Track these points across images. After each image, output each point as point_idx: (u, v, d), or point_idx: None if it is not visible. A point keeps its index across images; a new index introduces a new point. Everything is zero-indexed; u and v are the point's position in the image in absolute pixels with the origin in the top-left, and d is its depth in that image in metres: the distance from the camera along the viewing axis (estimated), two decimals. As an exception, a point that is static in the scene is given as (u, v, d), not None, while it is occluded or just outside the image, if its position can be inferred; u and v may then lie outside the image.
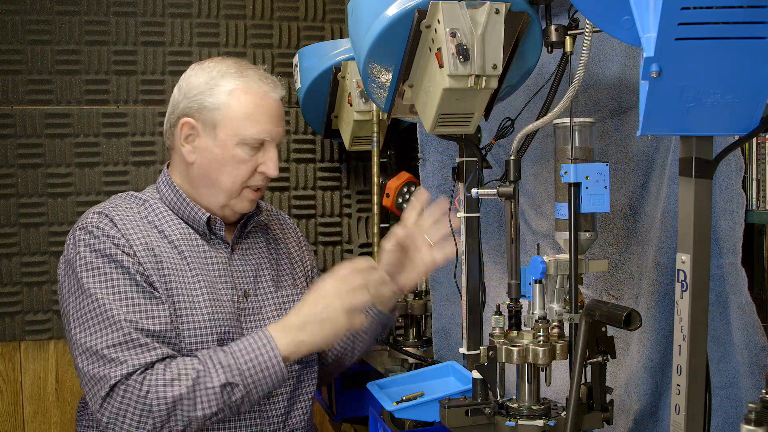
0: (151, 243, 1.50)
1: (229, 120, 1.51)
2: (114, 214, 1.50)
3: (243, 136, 1.51)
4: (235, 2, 2.63)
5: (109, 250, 1.45)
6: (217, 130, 1.52)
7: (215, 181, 1.54)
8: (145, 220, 1.54)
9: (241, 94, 1.52)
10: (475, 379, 1.46)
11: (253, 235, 1.68)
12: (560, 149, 1.41)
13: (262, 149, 1.54)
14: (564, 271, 1.39)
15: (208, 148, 1.53)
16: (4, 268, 2.44)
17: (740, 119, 0.98)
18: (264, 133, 1.52)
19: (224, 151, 1.51)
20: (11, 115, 2.44)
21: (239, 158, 1.52)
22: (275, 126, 1.54)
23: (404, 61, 1.41)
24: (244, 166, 1.53)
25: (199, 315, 1.49)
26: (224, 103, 1.51)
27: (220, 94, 1.51)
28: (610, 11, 1.01)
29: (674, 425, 1.10)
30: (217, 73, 1.54)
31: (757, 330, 1.31)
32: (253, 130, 1.51)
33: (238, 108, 1.51)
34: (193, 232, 1.57)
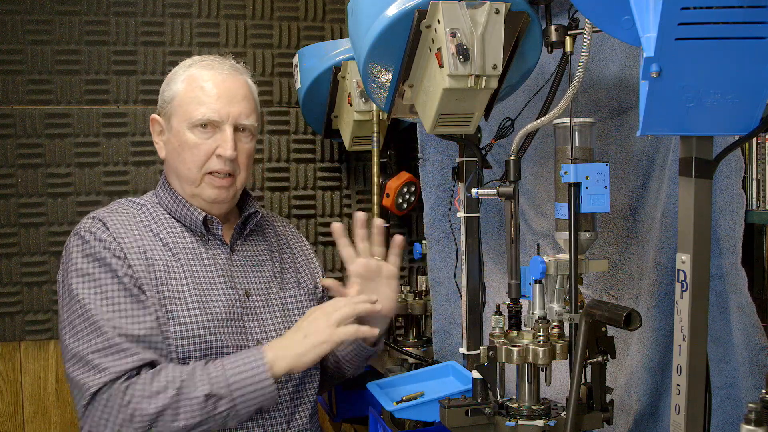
0: (143, 246, 1.49)
1: (179, 107, 1.52)
2: (107, 219, 1.51)
3: (190, 119, 1.50)
4: (235, 2, 2.63)
5: (99, 254, 1.45)
6: (172, 120, 1.53)
7: (179, 171, 1.54)
8: (140, 223, 1.54)
9: (190, 80, 1.53)
10: (475, 379, 1.46)
11: (256, 238, 1.68)
12: (560, 149, 1.41)
13: (219, 131, 1.52)
14: (564, 271, 1.39)
15: (169, 139, 1.55)
16: (4, 268, 2.44)
17: (740, 119, 0.98)
18: (210, 113, 1.50)
19: (178, 138, 1.51)
20: (11, 115, 2.44)
21: (191, 142, 1.50)
22: (226, 106, 1.51)
23: (404, 61, 1.41)
24: (197, 150, 1.51)
25: (188, 318, 1.47)
26: (177, 92, 1.53)
27: (175, 83, 1.54)
28: (610, 11, 1.01)
29: (674, 425, 1.10)
30: (180, 67, 1.57)
31: (757, 330, 1.31)
32: (199, 111, 1.50)
33: (186, 93, 1.52)
34: (190, 235, 1.56)
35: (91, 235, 1.47)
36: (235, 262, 1.60)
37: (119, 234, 1.48)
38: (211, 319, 1.50)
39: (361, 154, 2.64)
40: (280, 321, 1.61)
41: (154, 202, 1.59)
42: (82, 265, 1.45)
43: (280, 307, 1.62)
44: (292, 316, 1.63)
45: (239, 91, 1.55)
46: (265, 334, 1.57)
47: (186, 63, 1.58)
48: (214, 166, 1.52)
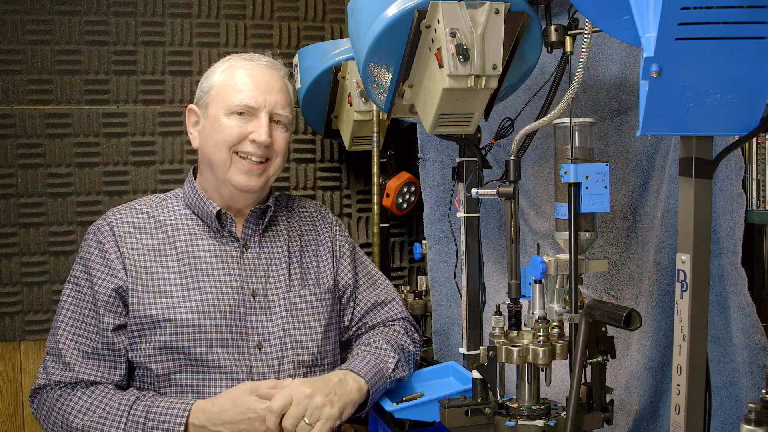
0: (147, 248, 1.55)
1: (217, 95, 1.56)
2: (117, 222, 1.57)
3: (227, 105, 1.54)
4: (235, 2, 2.63)
5: (90, 260, 1.54)
6: (209, 108, 1.57)
7: (210, 156, 1.56)
8: (152, 220, 1.59)
9: (229, 70, 1.58)
10: (475, 379, 1.46)
11: (276, 232, 1.67)
12: (560, 149, 1.41)
13: (254, 119, 1.56)
14: (564, 271, 1.39)
15: (204, 127, 1.58)
16: (4, 268, 2.44)
17: (740, 119, 0.98)
18: (248, 99, 1.54)
19: (213, 124, 1.55)
20: (11, 115, 2.44)
21: (226, 125, 1.54)
22: (262, 94, 1.56)
23: (404, 61, 1.41)
24: (230, 131, 1.54)
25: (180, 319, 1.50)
26: (215, 82, 1.57)
27: (214, 75, 1.59)
28: (610, 11, 1.01)
29: (674, 425, 1.10)
30: (220, 62, 1.62)
31: (757, 330, 1.31)
32: (236, 97, 1.54)
33: (225, 82, 1.56)
34: (205, 230, 1.60)
35: (94, 237, 1.56)
36: (247, 260, 1.61)
37: (123, 237, 1.55)
38: (206, 319, 1.51)
39: (361, 154, 2.63)
40: (285, 321, 1.59)
41: (178, 196, 1.65)
42: (76, 266, 1.57)
43: (287, 306, 1.61)
44: (298, 316, 1.61)
45: (276, 83, 1.60)
46: (267, 336, 1.57)
47: (225, 58, 1.65)
48: (246, 148, 1.55)
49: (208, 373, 1.50)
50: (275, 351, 1.56)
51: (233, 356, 1.52)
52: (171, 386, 1.50)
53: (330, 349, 1.66)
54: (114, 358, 1.51)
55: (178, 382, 1.50)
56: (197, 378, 1.51)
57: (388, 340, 1.65)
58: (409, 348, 1.67)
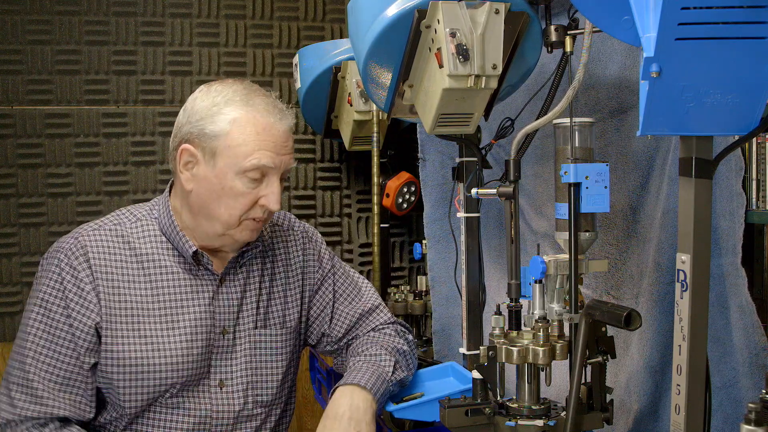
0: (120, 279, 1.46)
1: (228, 149, 1.41)
2: (91, 245, 1.46)
3: (241, 167, 1.41)
4: (235, 2, 2.63)
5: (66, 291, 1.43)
6: (216, 159, 1.42)
7: (212, 212, 1.45)
8: (126, 245, 1.49)
9: (244, 124, 1.42)
10: (475, 379, 1.46)
11: (250, 263, 1.58)
12: (560, 149, 1.41)
13: (265, 180, 1.44)
14: (564, 271, 1.39)
15: (206, 177, 1.44)
16: (4, 268, 2.44)
17: (740, 119, 0.98)
18: (266, 160, 1.42)
19: (222, 182, 1.43)
20: (11, 115, 2.44)
21: (237, 190, 1.42)
22: (278, 155, 1.44)
23: (404, 61, 1.41)
24: (243, 198, 1.43)
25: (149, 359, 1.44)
26: (225, 132, 1.41)
27: (222, 121, 1.42)
28: (610, 11, 1.01)
29: (674, 425, 1.10)
30: (222, 98, 1.44)
31: (757, 330, 1.31)
32: (252, 160, 1.41)
33: (239, 137, 1.41)
34: (180, 262, 1.50)
35: (67, 261, 1.44)
36: (221, 295, 1.53)
37: (98, 265, 1.45)
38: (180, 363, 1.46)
39: (361, 154, 2.64)
40: (248, 361, 1.54)
41: (152, 217, 1.53)
42: (45, 287, 1.44)
43: (252, 345, 1.55)
44: (261, 356, 1.56)
45: (289, 137, 1.48)
46: (229, 374, 1.52)
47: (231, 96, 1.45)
48: (256, 214, 1.46)
49: (173, 411, 1.48)
50: (237, 390, 1.52)
51: (196, 395, 1.49)
52: (139, 423, 1.47)
53: (287, 387, 1.63)
54: (88, 393, 1.44)
55: (146, 418, 1.47)
56: (163, 415, 1.47)
57: (381, 344, 1.62)
58: (404, 348, 1.66)
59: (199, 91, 1.51)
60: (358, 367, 1.56)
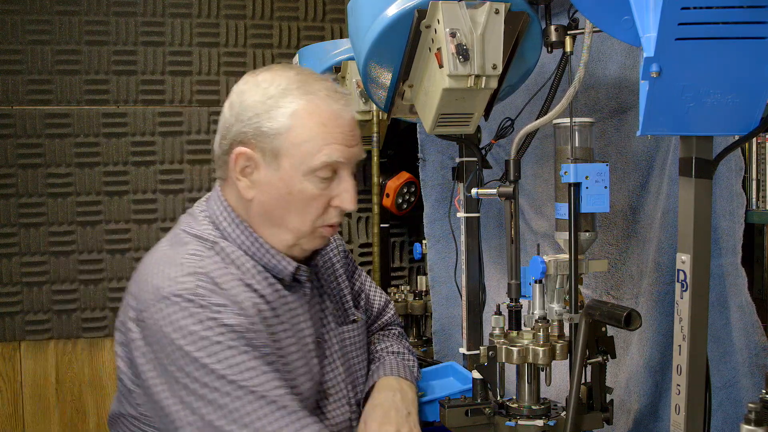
0: (255, 305, 1.23)
1: (293, 147, 1.23)
2: (213, 273, 1.21)
3: (310, 166, 1.23)
4: (235, 2, 2.63)
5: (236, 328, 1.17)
6: (279, 160, 1.23)
7: (281, 221, 1.27)
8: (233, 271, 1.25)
9: (306, 116, 1.23)
10: (475, 379, 1.46)
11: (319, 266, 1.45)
12: (560, 149, 1.41)
13: (336, 178, 1.27)
14: (564, 271, 1.39)
15: (269, 182, 1.25)
16: (4, 268, 2.44)
17: (740, 119, 0.98)
18: (337, 155, 1.24)
19: (289, 186, 1.24)
20: (11, 115, 2.44)
21: (309, 193, 1.24)
22: (348, 148, 1.26)
23: (404, 61, 1.41)
24: (315, 202, 1.26)
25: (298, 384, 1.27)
26: (286, 127, 1.22)
27: (281, 116, 1.23)
28: (610, 11, 1.01)
29: (674, 425, 1.10)
30: (276, 90, 1.25)
31: (757, 330, 1.31)
32: (322, 157, 1.23)
33: (303, 132, 1.23)
34: (276, 282, 1.30)
35: (203, 298, 1.17)
36: (312, 304, 1.37)
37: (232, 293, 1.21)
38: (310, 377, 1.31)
39: (361, 154, 2.63)
40: (342, 363, 1.39)
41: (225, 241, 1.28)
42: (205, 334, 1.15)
43: (340, 344, 1.40)
44: (350, 353, 1.42)
45: (355, 128, 1.29)
46: (332, 381, 1.37)
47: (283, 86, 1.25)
48: (331, 219, 1.29)
49: None
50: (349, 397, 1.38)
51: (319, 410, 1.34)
52: None
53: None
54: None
55: None
56: None
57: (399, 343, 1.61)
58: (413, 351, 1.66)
59: (243, 83, 1.30)
60: (389, 361, 1.50)
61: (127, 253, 2.54)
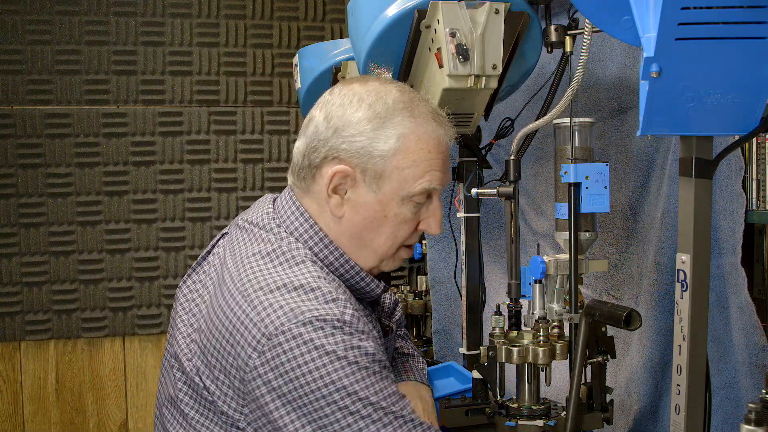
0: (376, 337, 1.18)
1: (396, 171, 1.19)
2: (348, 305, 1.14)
3: (410, 191, 1.20)
4: (235, 2, 2.63)
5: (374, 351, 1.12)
6: (381, 182, 1.20)
7: (369, 242, 1.24)
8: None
9: (415, 141, 1.19)
10: (475, 379, 1.46)
11: None
12: (560, 149, 1.41)
13: (427, 202, 1.24)
14: (564, 271, 1.39)
15: (366, 203, 1.21)
16: (4, 268, 2.44)
17: (740, 119, 0.98)
18: (437, 183, 1.21)
19: (386, 209, 1.21)
20: (11, 115, 2.44)
21: (403, 217, 1.22)
22: (445, 174, 1.24)
23: (404, 61, 1.41)
24: (406, 225, 1.23)
25: None
26: (393, 150, 1.18)
27: (390, 138, 1.18)
28: (610, 11, 1.01)
29: (674, 425, 1.10)
30: (382, 108, 1.19)
31: (757, 330, 1.31)
32: (424, 183, 1.20)
33: (409, 157, 1.19)
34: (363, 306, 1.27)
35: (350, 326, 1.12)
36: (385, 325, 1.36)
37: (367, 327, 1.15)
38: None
39: (361, 154, 2.63)
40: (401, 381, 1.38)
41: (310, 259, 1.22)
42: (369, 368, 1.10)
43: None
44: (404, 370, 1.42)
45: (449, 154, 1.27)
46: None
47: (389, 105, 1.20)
48: (413, 240, 1.28)
49: None
50: None
51: None
52: None
53: None
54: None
55: None
56: None
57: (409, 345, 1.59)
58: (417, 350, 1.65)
59: (343, 95, 1.24)
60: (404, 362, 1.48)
61: (127, 253, 2.54)
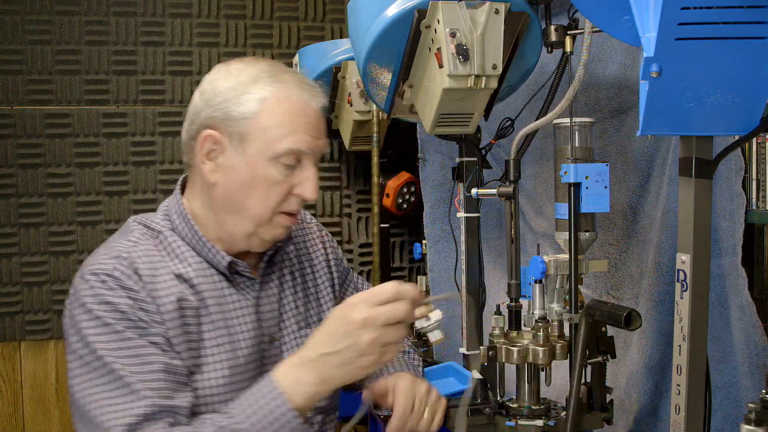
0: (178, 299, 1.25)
1: (259, 132, 1.26)
2: (137, 259, 1.24)
3: (276, 151, 1.26)
4: (235, 2, 2.63)
5: (126, 307, 1.20)
6: (245, 144, 1.26)
7: (241, 207, 1.30)
8: (165, 259, 1.29)
9: (275, 103, 1.27)
10: (475, 379, 1.46)
11: (282, 266, 1.44)
12: (560, 149, 1.41)
13: (299, 167, 1.29)
14: (564, 271, 1.39)
15: (234, 166, 1.28)
16: (4, 268, 2.44)
17: (740, 119, 0.98)
18: (302, 144, 1.27)
19: (253, 170, 1.27)
20: (11, 115, 2.44)
21: (271, 179, 1.27)
22: (315, 137, 1.29)
23: (404, 61, 1.41)
24: (277, 188, 1.28)
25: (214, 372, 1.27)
26: (255, 113, 1.26)
27: (251, 101, 1.26)
28: (610, 11, 1.01)
29: (674, 425, 1.10)
30: (247, 77, 1.28)
31: (757, 330, 1.31)
32: (287, 142, 1.26)
33: (271, 119, 1.26)
34: (215, 273, 1.32)
35: (114, 280, 1.21)
36: (262, 300, 1.37)
37: (152, 279, 1.24)
38: (236, 372, 1.30)
39: (361, 154, 2.64)
40: None
41: (169, 229, 1.33)
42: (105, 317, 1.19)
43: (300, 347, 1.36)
44: None
45: (321, 121, 1.32)
46: None
47: (254, 74, 1.29)
48: (292, 206, 1.31)
49: None
50: None
51: None
52: None
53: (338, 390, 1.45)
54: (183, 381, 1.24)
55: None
56: None
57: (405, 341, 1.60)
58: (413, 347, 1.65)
59: (216, 72, 1.33)
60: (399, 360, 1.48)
61: (127, 253, 2.54)
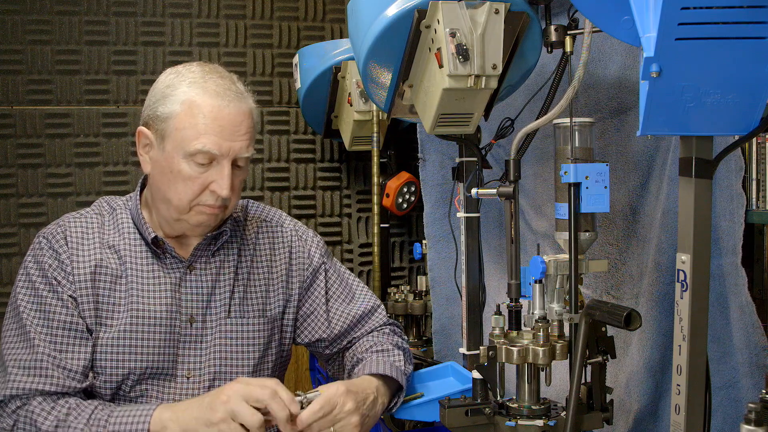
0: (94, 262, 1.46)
1: (175, 131, 1.39)
2: (71, 227, 1.49)
3: (187, 150, 1.38)
4: (235, 2, 2.63)
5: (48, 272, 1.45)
6: (165, 141, 1.41)
7: (165, 196, 1.44)
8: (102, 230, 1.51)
9: (191, 106, 1.39)
10: (475, 379, 1.46)
11: (226, 253, 1.55)
12: (560, 149, 1.41)
13: (216, 165, 1.40)
14: (564, 271, 1.39)
15: (158, 160, 1.43)
16: (4, 268, 2.44)
17: (740, 119, 0.98)
18: (210, 145, 1.37)
19: (171, 165, 1.41)
20: (11, 115, 2.44)
21: (185, 174, 1.40)
22: (226, 140, 1.39)
23: (404, 61, 1.41)
24: (191, 182, 1.41)
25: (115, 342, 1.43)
26: (175, 114, 1.39)
27: (173, 103, 1.40)
28: (610, 11, 1.01)
29: (674, 425, 1.10)
30: (177, 79, 1.42)
31: (757, 330, 1.31)
32: (198, 141, 1.37)
33: (186, 120, 1.38)
34: (145, 248, 1.50)
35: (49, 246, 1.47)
36: (188, 283, 1.50)
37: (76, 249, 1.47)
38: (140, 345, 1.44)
39: (361, 154, 2.64)
40: (217, 351, 1.49)
41: (126, 208, 1.54)
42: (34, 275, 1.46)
43: (223, 334, 1.50)
44: (232, 346, 1.51)
45: (243, 122, 1.42)
46: (197, 365, 1.48)
47: (186, 78, 1.42)
48: (207, 200, 1.43)
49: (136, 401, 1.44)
50: (204, 381, 1.48)
51: (161, 386, 1.46)
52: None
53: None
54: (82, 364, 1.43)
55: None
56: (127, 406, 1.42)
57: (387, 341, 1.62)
58: (404, 345, 1.66)
59: (164, 73, 1.48)
60: (376, 361, 1.53)
61: (127, 253, 2.54)
